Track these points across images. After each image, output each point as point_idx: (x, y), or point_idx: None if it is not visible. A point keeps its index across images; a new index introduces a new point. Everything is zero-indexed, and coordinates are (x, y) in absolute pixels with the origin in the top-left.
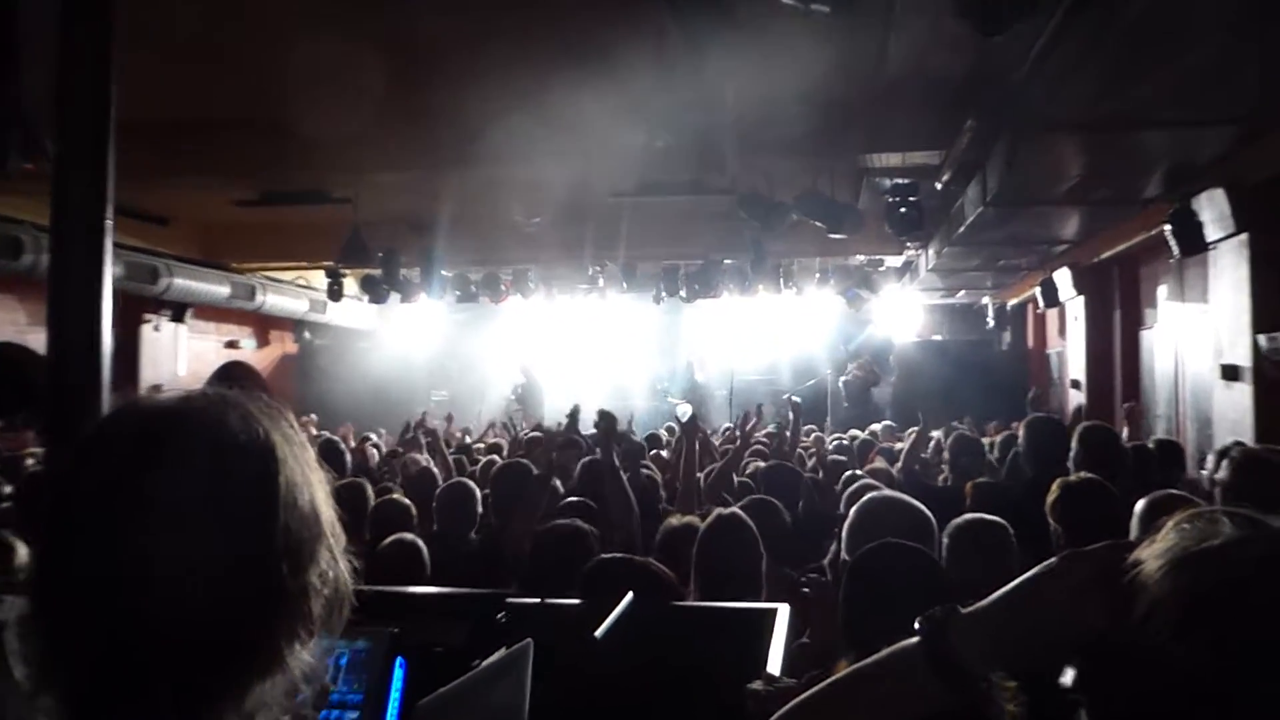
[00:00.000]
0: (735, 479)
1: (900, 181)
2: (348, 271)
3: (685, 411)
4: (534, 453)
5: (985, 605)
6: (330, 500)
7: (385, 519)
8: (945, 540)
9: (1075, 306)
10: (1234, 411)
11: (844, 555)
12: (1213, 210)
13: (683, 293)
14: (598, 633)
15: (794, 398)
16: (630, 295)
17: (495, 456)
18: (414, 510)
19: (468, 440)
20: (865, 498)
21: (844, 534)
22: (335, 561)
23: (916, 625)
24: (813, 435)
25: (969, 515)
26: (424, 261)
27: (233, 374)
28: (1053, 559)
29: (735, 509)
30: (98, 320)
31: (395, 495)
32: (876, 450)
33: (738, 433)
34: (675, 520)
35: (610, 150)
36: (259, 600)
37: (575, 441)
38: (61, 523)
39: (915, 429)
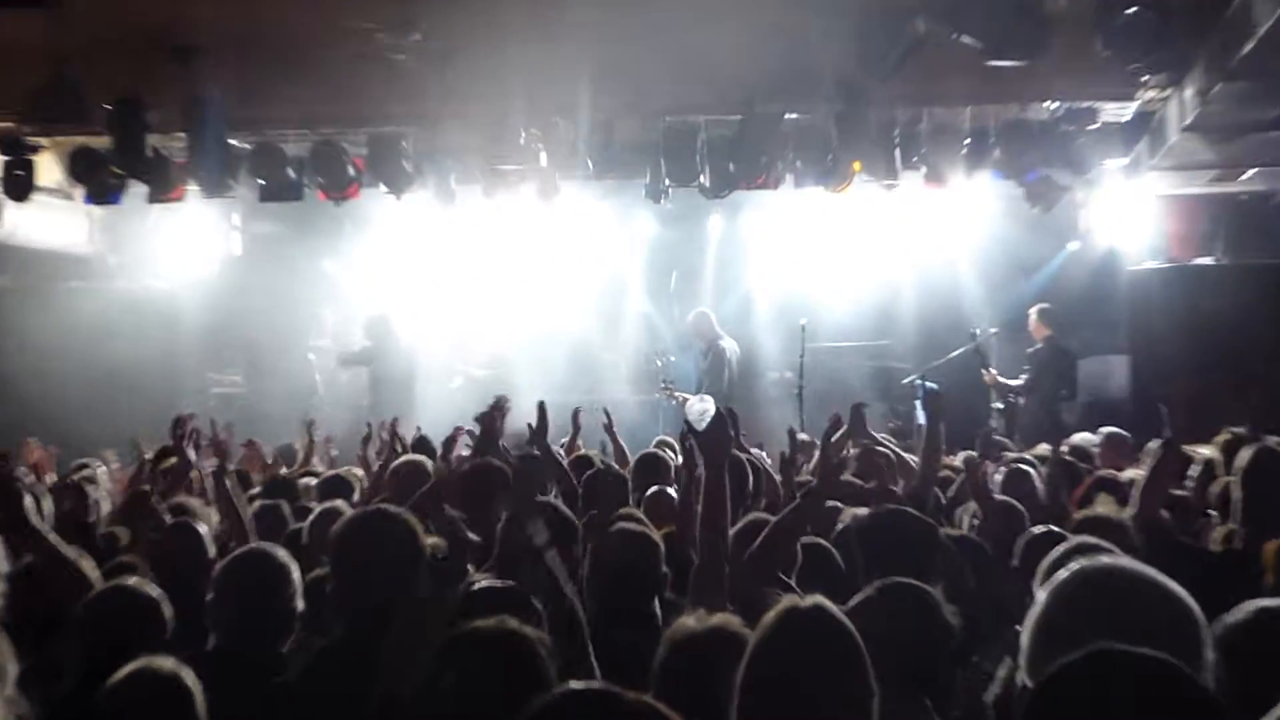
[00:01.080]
0: (801, 543)
1: None
2: (42, 141)
3: (703, 412)
4: (404, 490)
5: None
6: None
7: (109, 625)
8: (1215, 647)
9: None
10: None
11: (1023, 679)
12: None
13: (703, 179)
14: None
15: (926, 383)
16: (603, 187)
17: (340, 503)
18: (167, 611)
19: (286, 471)
20: (1066, 571)
21: (1025, 639)
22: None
23: None
24: (962, 454)
25: (1266, 602)
26: (193, 121)
27: None
28: None
29: (820, 600)
30: None
31: (133, 580)
32: (1092, 482)
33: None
34: (693, 622)
35: None
36: None
37: (495, 471)
38: None
39: (1161, 441)
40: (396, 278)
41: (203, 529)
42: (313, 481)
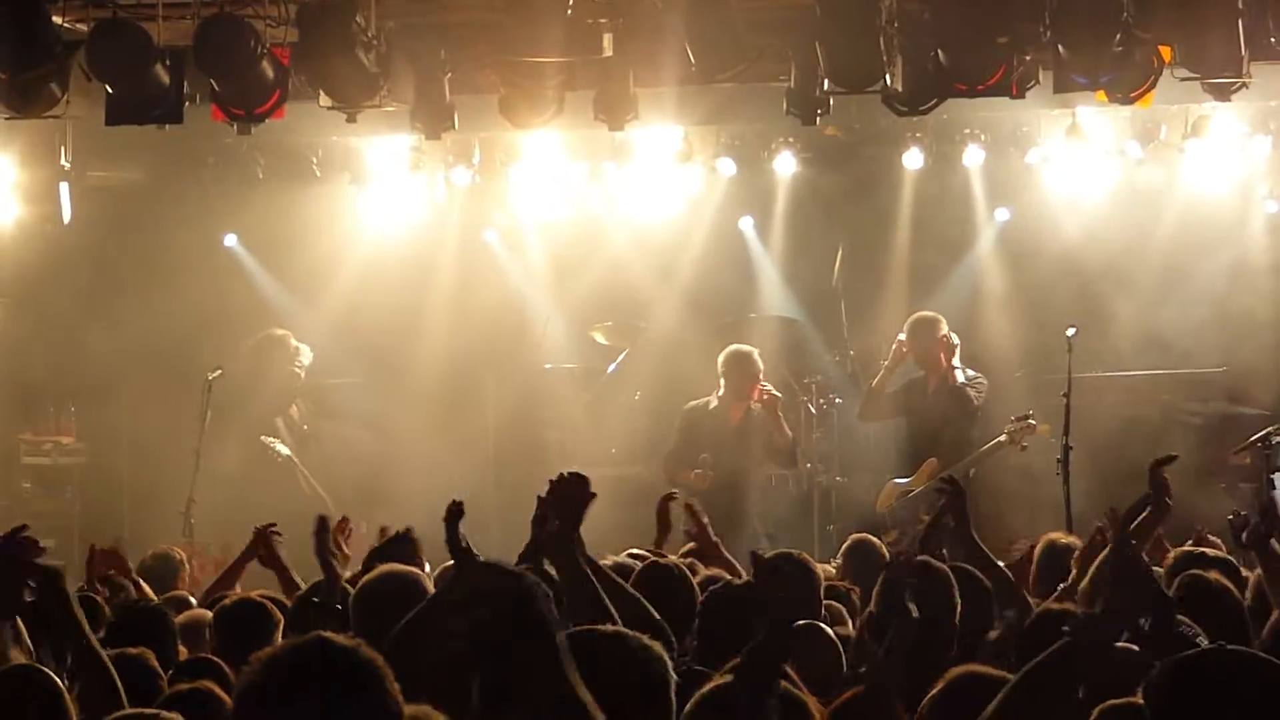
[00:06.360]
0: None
1: None
2: None
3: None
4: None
5: None
6: None
7: None
8: None
9: None
10: None
11: None
12: None
13: (890, 79)
14: None
15: None
16: (712, 100)
17: None
18: None
19: None
20: None
21: None
22: None
23: None
24: None
25: None
26: None
27: None
28: None
29: None
30: None
31: None
32: None
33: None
34: None
35: None
36: None
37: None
38: None
39: None
40: (356, 266)
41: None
42: (208, 615)
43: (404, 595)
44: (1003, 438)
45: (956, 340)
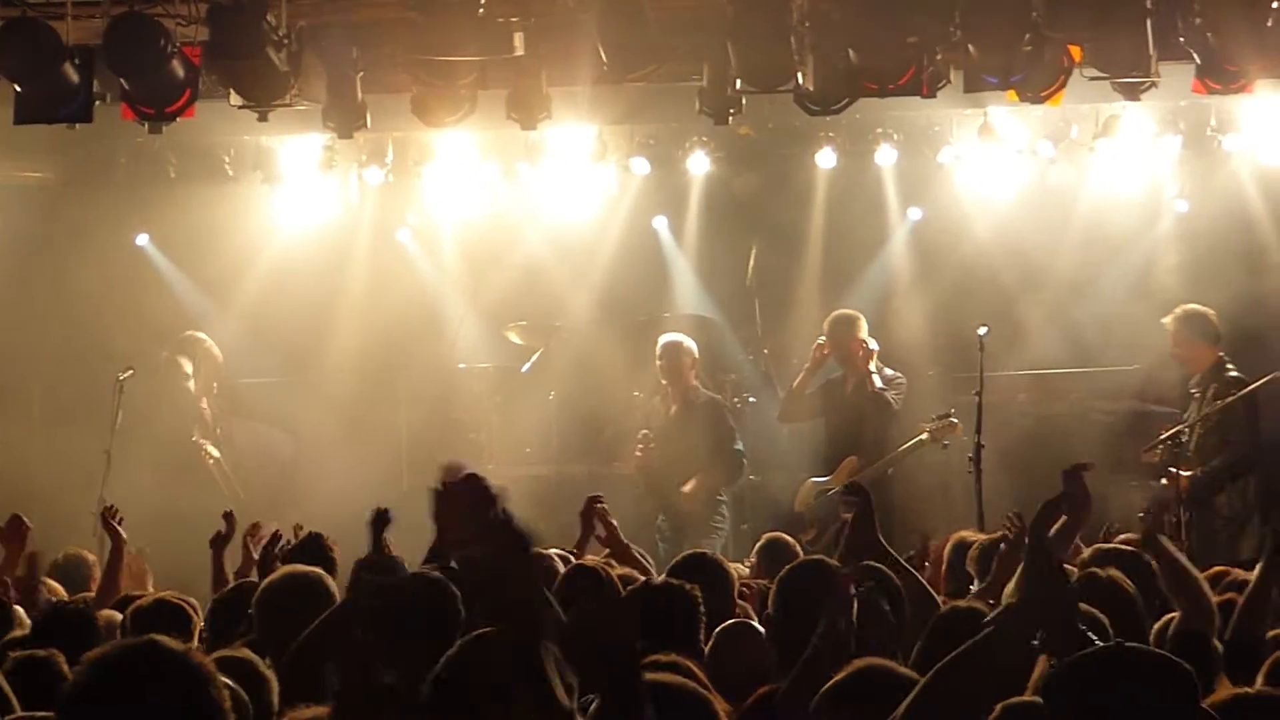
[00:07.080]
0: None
1: None
2: None
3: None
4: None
5: None
6: None
7: None
8: None
9: None
10: None
11: None
12: None
13: (801, 79)
14: None
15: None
16: (626, 99)
17: None
18: None
19: None
20: None
21: None
22: None
23: None
24: None
25: None
26: None
27: None
28: None
29: None
30: None
31: None
32: None
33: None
34: None
35: None
36: None
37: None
38: None
39: None
40: (269, 265)
41: None
42: (118, 616)
43: (307, 595)
44: (924, 436)
45: (875, 345)
